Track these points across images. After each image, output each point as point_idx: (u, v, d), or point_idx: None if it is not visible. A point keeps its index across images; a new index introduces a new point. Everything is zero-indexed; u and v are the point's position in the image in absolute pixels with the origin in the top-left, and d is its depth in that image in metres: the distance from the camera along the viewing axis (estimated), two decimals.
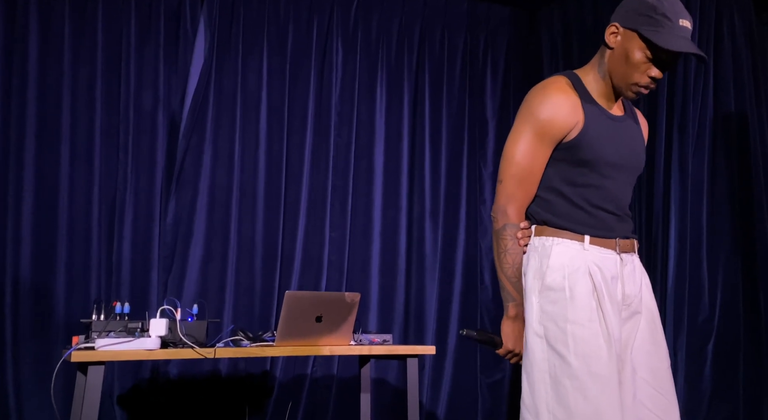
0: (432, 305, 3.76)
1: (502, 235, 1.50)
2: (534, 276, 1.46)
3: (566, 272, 1.42)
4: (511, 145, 1.49)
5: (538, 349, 1.41)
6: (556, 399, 1.35)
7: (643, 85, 1.48)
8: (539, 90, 1.50)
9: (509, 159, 1.49)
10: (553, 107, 1.45)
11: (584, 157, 1.47)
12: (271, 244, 3.53)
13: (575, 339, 1.37)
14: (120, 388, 3.18)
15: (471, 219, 3.94)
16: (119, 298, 3.05)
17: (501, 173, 1.50)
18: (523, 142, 1.47)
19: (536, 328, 1.42)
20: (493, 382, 3.83)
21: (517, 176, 1.48)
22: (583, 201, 1.47)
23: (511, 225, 1.49)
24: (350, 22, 3.84)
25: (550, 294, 1.42)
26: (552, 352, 1.38)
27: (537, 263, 1.46)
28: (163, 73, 3.45)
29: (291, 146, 3.65)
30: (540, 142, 1.46)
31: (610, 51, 1.49)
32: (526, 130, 1.47)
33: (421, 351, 2.74)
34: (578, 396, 1.34)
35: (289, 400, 3.41)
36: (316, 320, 2.42)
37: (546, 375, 1.38)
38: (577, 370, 1.35)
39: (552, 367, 1.38)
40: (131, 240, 3.30)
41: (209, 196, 3.46)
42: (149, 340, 2.20)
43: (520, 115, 1.49)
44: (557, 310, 1.40)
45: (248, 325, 3.27)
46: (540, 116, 1.45)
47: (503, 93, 4.12)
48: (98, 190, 3.30)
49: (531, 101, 1.48)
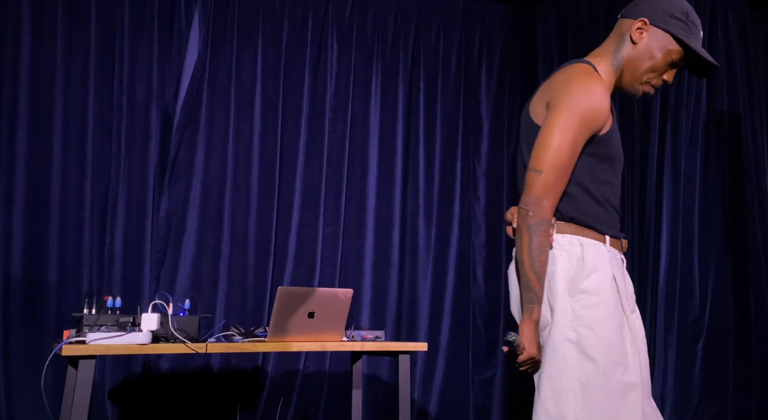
0: (425, 302, 3.77)
1: (537, 231, 1.34)
2: (564, 277, 1.36)
3: (601, 276, 1.36)
4: (553, 133, 1.35)
5: (570, 355, 1.32)
6: (586, 408, 1.29)
7: (655, 86, 1.46)
8: (581, 78, 1.39)
9: (551, 148, 1.34)
10: (597, 98, 1.37)
11: (610, 153, 1.42)
12: (264, 240, 3.52)
13: (611, 347, 1.33)
14: (111, 383, 3.18)
15: (465, 216, 3.94)
16: (111, 292, 3.04)
17: (539, 163, 1.34)
18: (566, 131, 1.35)
19: (568, 333, 1.33)
20: (485, 378, 3.84)
21: (559, 167, 1.35)
22: (604, 199, 1.42)
23: (547, 220, 1.35)
24: (345, 18, 3.83)
25: (585, 298, 1.34)
26: (585, 359, 1.32)
27: (568, 264, 1.36)
28: (157, 67, 3.43)
29: (285, 141, 3.64)
30: (581, 134, 1.36)
31: (632, 45, 1.44)
32: (569, 119, 1.35)
33: (413, 348, 2.75)
34: (611, 406, 1.30)
35: (281, 395, 3.41)
36: (309, 316, 2.42)
37: (576, 383, 1.31)
38: (611, 380, 1.31)
39: (584, 374, 1.31)
40: (123, 234, 3.28)
41: (202, 191, 3.45)
42: (141, 334, 2.19)
43: (561, 103, 1.36)
44: (594, 315, 1.34)
45: (240, 320, 3.27)
46: (584, 106, 1.36)
47: (498, 90, 4.12)
48: (90, 183, 3.28)
49: (573, 90, 1.37)
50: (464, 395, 3.78)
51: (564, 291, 1.35)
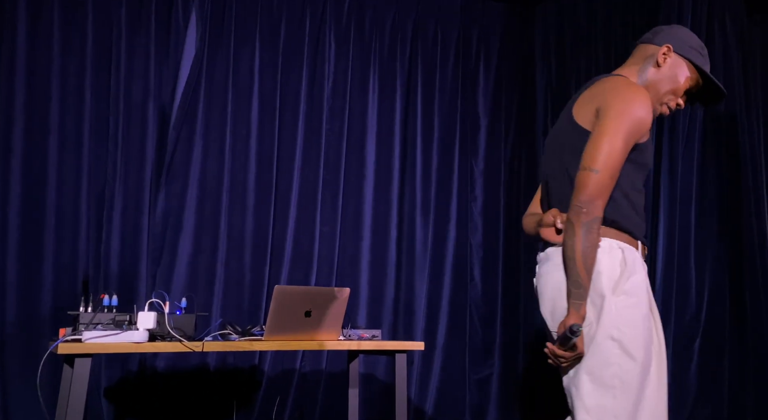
0: (421, 301, 3.77)
1: (591, 229, 1.39)
2: (610, 277, 1.42)
3: (638, 279, 1.44)
4: (609, 136, 1.41)
5: (612, 352, 1.38)
6: (624, 403, 1.36)
7: (671, 108, 1.59)
8: (631, 89, 1.48)
9: (607, 150, 1.41)
10: (647, 108, 1.46)
11: (645, 162, 1.52)
12: (261, 238, 3.52)
13: (647, 346, 1.41)
14: (107, 381, 3.17)
15: (462, 215, 3.94)
16: (107, 290, 3.03)
17: (596, 163, 1.40)
18: (620, 135, 1.42)
19: (612, 331, 1.39)
20: (482, 378, 3.84)
21: (612, 169, 1.41)
22: (638, 205, 1.50)
23: (599, 219, 1.40)
24: (343, 16, 3.82)
25: (626, 299, 1.41)
26: (626, 357, 1.38)
27: (611, 264, 1.42)
28: (154, 64, 3.42)
29: (282, 139, 3.63)
30: (630, 140, 1.45)
31: (656, 69, 1.56)
32: (623, 124, 1.43)
33: (410, 347, 2.75)
34: (646, 402, 1.37)
35: (278, 394, 3.41)
36: (306, 315, 2.42)
37: (616, 379, 1.37)
38: (647, 377, 1.39)
39: (625, 371, 1.37)
40: (120, 232, 3.27)
41: (199, 189, 3.44)
42: (137, 332, 2.18)
43: (615, 109, 1.43)
44: (634, 316, 1.41)
45: (237, 318, 3.27)
46: (636, 114, 1.44)
47: (496, 89, 4.12)
48: (87, 181, 3.27)
49: (626, 98, 1.45)
50: (461, 394, 3.78)
51: (609, 290, 1.41)
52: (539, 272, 1.55)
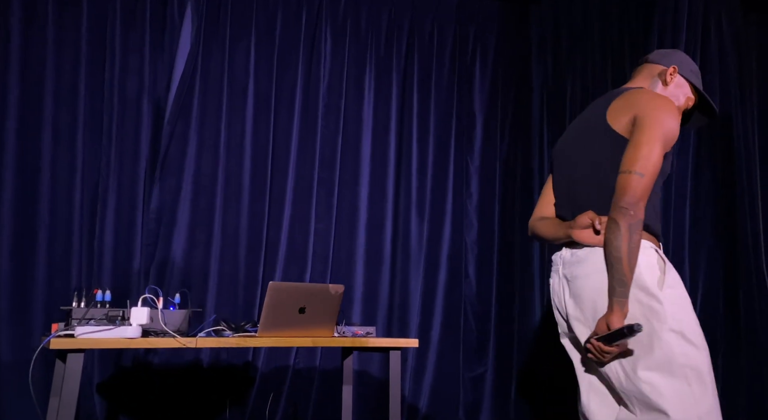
0: (416, 298, 3.77)
1: (637, 230, 1.46)
2: (652, 274, 1.49)
3: (675, 273, 1.53)
4: (650, 142, 1.50)
5: (675, 343, 1.45)
6: (701, 387, 1.43)
7: None
8: (666, 101, 1.58)
9: (649, 155, 1.49)
10: (678, 119, 1.58)
11: (666, 169, 1.61)
12: (255, 234, 3.51)
13: (700, 333, 1.51)
14: (100, 377, 3.16)
15: (457, 212, 3.94)
16: (100, 285, 3.02)
17: (640, 166, 1.48)
18: (659, 142, 1.51)
19: (671, 323, 1.46)
20: (476, 375, 3.85)
21: (654, 173, 1.50)
22: (658, 207, 1.61)
23: (642, 221, 1.48)
24: (339, 12, 3.81)
25: (674, 291, 1.50)
26: (689, 345, 1.46)
27: (650, 262, 1.50)
28: (149, 59, 3.40)
29: (277, 136, 3.62)
30: (665, 147, 1.54)
31: (663, 87, 1.70)
32: (662, 133, 1.52)
33: (404, 344, 2.75)
34: (712, 383, 1.47)
35: (271, 391, 3.41)
36: (300, 311, 2.41)
37: (686, 368, 1.44)
38: (707, 361, 1.48)
39: (692, 359, 1.45)
40: (114, 227, 3.26)
41: (194, 184, 3.43)
42: (130, 328, 2.17)
43: (653, 118, 1.52)
44: (684, 306, 1.51)
45: (231, 315, 3.26)
46: (671, 124, 1.54)
47: (491, 87, 4.12)
48: (81, 175, 3.26)
49: (664, 109, 1.55)
50: (454, 392, 3.78)
51: (655, 287, 1.48)
52: (574, 274, 1.58)
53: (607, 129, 1.57)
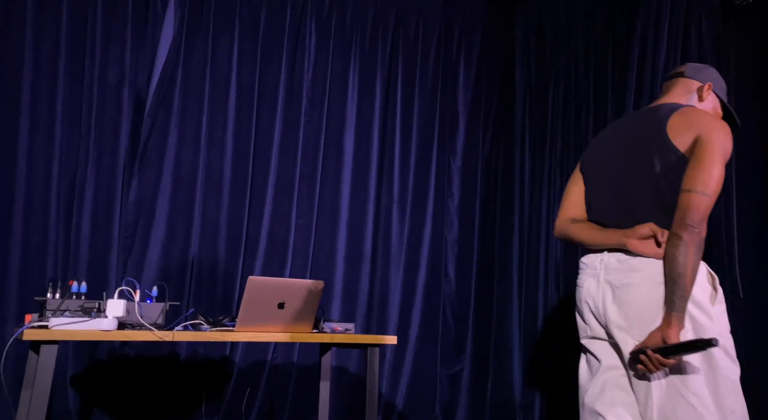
0: (396, 296, 3.78)
1: (701, 248, 1.52)
2: (705, 289, 1.56)
3: (720, 289, 1.60)
4: (715, 164, 1.56)
5: (720, 357, 1.53)
6: (737, 400, 1.53)
7: None
8: (724, 124, 1.63)
9: (715, 177, 1.55)
10: (732, 142, 1.64)
11: None
12: (235, 228, 3.49)
13: (734, 346, 1.59)
14: (74, 369, 3.12)
15: (438, 211, 3.96)
16: (76, 277, 2.98)
17: (705, 187, 1.54)
18: (721, 164, 1.58)
19: (720, 339, 1.51)
20: (453, 373, 3.87)
21: (717, 194, 1.56)
22: None
23: (704, 239, 1.54)
24: (325, 7, 3.80)
25: (720, 307, 1.58)
26: (730, 360, 1.55)
27: (702, 279, 1.56)
28: (130, 49, 3.36)
29: (260, 129, 3.60)
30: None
31: (699, 102, 1.77)
32: (722, 155, 1.59)
33: (383, 341, 2.76)
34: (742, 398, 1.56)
35: (248, 386, 3.39)
36: (279, 307, 2.41)
37: (728, 380, 1.53)
38: (738, 376, 1.57)
39: (732, 372, 1.54)
40: (91, 218, 3.22)
41: (174, 177, 3.40)
42: (106, 320, 2.15)
43: (717, 141, 1.58)
44: (725, 322, 1.59)
45: (209, 309, 3.24)
46: (729, 147, 1.62)
47: (476, 87, 4.14)
48: (58, 165, 3.21)
49: (723, 131, 1.61)
50: (431, 389, 3.80)
51: (708, 302, 1.55)
52: (623, 281, 1.61)
53: (668, 145, 1.61)
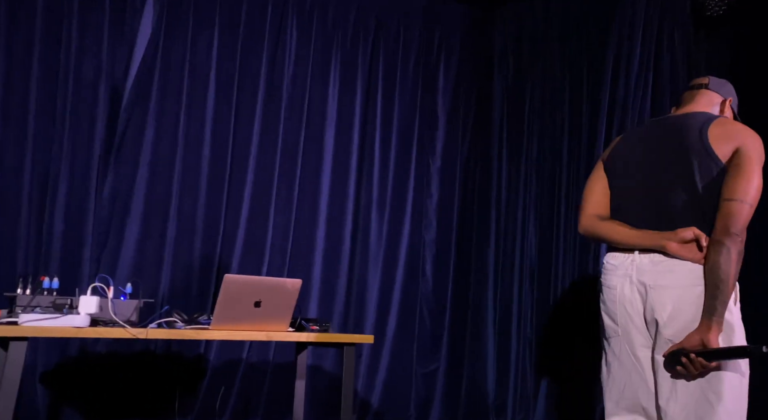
0: (373, 295, 3.79)
1: (742, 255, 1.58)
2: (736, 294, 1.63)
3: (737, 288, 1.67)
4: (756, 175, 1.62)
5: (742, 361, 1.60)
6: (745, 404, 1.60)
7: None
8: (758, 136, 1.69)
9: (755, 187, 1.61)
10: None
11: None
12: (212, 225, 3.46)
13: None
14: (44, 366, 3.06)
15: (417, 211, 3.98)
16: (48, 272, 2.92)
17: (746, 196, 1.60)
18: (760, 176, 1.63)
19: (742, 339, 1.61)
20: (428, 371, 3.90)
21: (756, 203, 1.61)
22: None
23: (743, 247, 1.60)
24: (306, 4, 3.79)
25: (739, 311, 1.65)
26: (746, 365, 1.62)
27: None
28: (107, 41, 3.30)
29: (239, 126, 3.58)
30: None
31: (720, 113, 1.82)
32: (760, 167, 1.64)
33: (359, 339, 2.76)
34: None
35: (223, 384, 3.37)
36: (255, 305, 2.40)
37: (746, 383, 1.61)
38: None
39: (745, 376, 1.61)
40: (64, 213, 3.16)
41: (150, 172, 3.35)
42: (78, 317, 2.12)
43: (756, 153, 1.64)
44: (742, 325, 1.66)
45: (184, 306, 3.19)
46: (764, 159, 1.67)
47: (455, 89, 4.17)
48: (31, 158, 3.14)
49: (760, 144, 1.67)
50: (407, 387, 3.82)
51: (732, 303, 1.60)
52: (659, 282, 1.65)
53: (710, 153, 1.66)
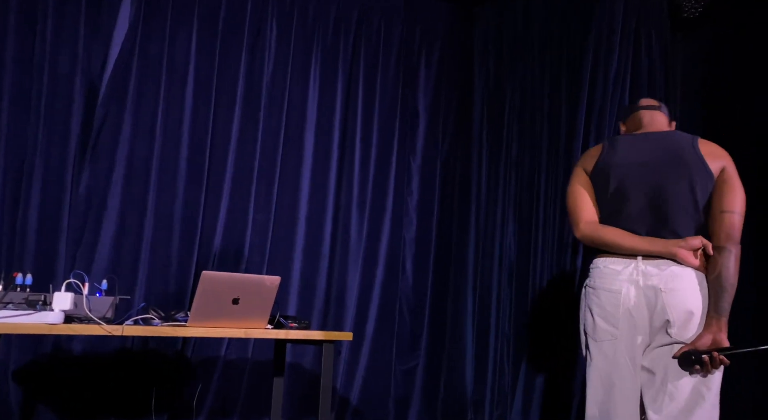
0: (353, 292, 3.79)
1: (739, 260, 1.77)
2: None
3: None
4: (742, 189, 1.83)
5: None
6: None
7: None
8: None
9: (744, 200, 1.83)
10: None
11: None
12: (190, 222, 3.43)
13: None
14: (16, 363, 3.01)
15: (397, 210, 3.99)
16: (21, 268, 2.88)
17: (741, 208, 1.81)
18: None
19: None
20: (408, 369, 3.91)
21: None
22: None
23: None
24: (287, 1, 3.77)
25: None
26: None
27: None
28: (84, 35, 3.26)
29: (217, 123, 3.55)
30: None
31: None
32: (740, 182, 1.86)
33: (338, 337, 2.76)
34: None
35: (200, 382, 3.35)
36: (233, 302, 2.39)
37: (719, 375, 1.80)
38: None
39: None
40: (39, 208, 3.11)
41: (126, 168, 3.32)
42: (51, 313, 2.09)
43: (735, 170, 1.86)
44: None
45: (161, 304, 3.17)
46: None
47: (436, 87, 4.18)
48: (4, 153, 3.09)
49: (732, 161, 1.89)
50: (386, 385, 3.83)
51: None
52: (669, 286, 1.80)
53: (706, 168, 1.85)
